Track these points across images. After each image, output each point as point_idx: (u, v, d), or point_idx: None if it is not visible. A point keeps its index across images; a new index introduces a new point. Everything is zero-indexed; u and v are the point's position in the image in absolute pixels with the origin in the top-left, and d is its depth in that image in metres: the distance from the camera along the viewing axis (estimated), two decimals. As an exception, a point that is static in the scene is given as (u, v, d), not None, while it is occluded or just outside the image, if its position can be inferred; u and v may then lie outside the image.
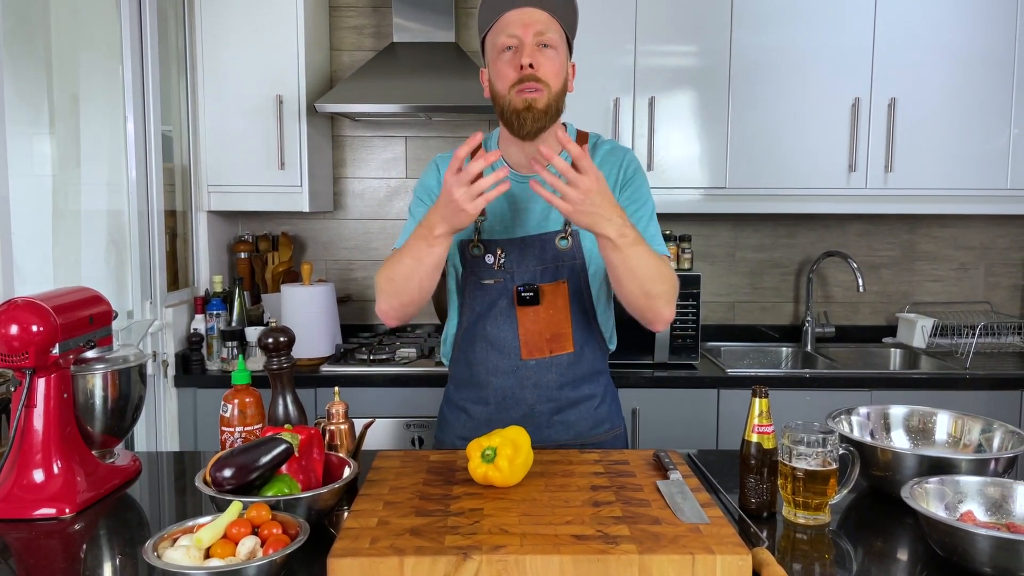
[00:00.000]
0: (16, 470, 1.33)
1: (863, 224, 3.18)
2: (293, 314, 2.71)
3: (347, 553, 1.04)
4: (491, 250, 1.60)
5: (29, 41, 2.02)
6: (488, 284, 1.61)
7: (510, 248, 1.59)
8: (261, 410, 1.42)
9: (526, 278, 1.59)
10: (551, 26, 1.51)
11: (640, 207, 1.60)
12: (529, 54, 1.48)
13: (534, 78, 1.49)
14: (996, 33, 2.73)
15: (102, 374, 1.42)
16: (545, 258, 1.59)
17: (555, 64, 1.51)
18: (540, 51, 1.50)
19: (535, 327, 1.60)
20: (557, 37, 1.52)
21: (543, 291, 1.58)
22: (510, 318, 1.61)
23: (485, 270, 1.61)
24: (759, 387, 1.29)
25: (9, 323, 1.30)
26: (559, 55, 1.52)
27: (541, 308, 1.59)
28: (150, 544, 1.02)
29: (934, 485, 1.22)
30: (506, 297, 1.60)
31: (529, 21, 1.49)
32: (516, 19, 1.50)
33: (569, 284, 1.60)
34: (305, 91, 2.76)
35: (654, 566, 1.03)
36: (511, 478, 1.26)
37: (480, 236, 1.61)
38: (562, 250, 1.59)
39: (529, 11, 1.50)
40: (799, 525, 1.26)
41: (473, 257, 1.62)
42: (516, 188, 1.59)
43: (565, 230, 1.58)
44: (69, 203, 2.22)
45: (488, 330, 1.62)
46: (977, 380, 2.62)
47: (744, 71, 2.75)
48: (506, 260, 1.59)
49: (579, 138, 1.65)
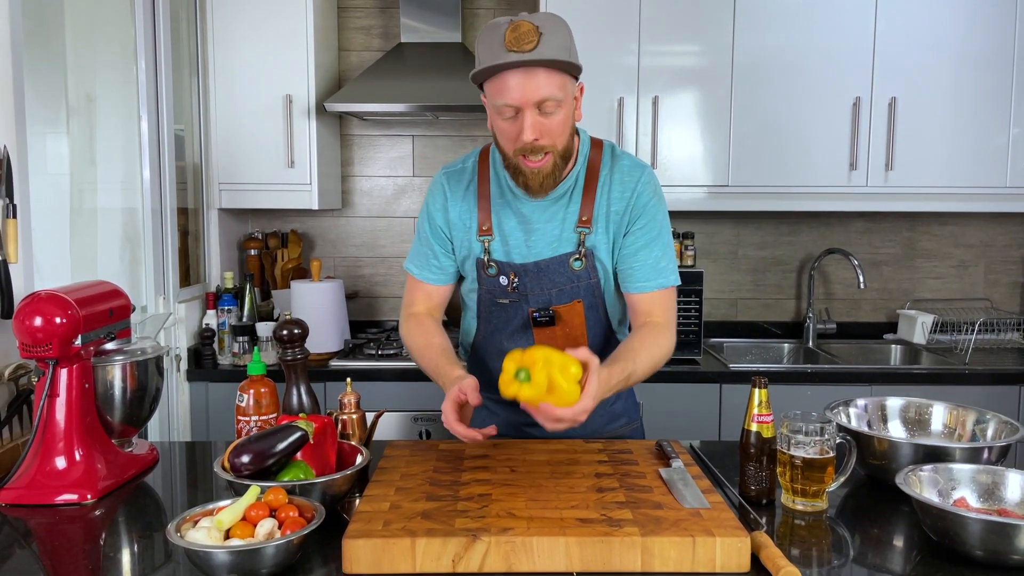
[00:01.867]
0: (39, 458, 1.37)
1: (864, 222, 3.21)
2: (302, 310, 2.76)
3: (361, 535, 1.08)
4: (504, 272, 1.57)
5: (46, 43, 2.07)
6: (503, 303, 1.59)
7: (523, 272, 1.55)
8: (276, 400, 1.47)
9: (541, 301, 1.56)
10: (550, 83, 1.38)
11: (653, 239, 1.55)
12: (531, 127, 1.39)
13: (538, 148, 1.42)
14: (996, 32, 2.76)
15: (121, 365, 1.46)
16: (559, 280, 1.55)
17: (557, 124, 1.42)
18: (542, 118, 1.40)
19: (552, 344, 1.58)
20: (558, 88, 1.39)
21: (558, 313, 1.56)
22: (526, 335, 1.59)
23: (500, 290, 1.58)
24: (759, 377, 1.33)
25: (33, 315, 1.34)
26: (562, 108, 1.41)
27: (557, 328, 1.57)
28: (173, 525, 1.07)
29: (928, 473, 1.25)
30: (521, 316, 1.58)
31: (529, 88, 1.37)
32: (516, 84, 1.37)
33: (584, 302, 1.57)
34: (314, 91, 2.80)
35: (656, 548, 1.07)
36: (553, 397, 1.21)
37: (490, 256, 1.57)
38: (577, 271, 1.55)
39: (528, 74, 1.36)
40: (797, 511, 1.30)
41: (488, 276, 1.58)
42: (526, 208, 1.56)
43: (579, 251, 1.54)
44: (85, 201, 2.27)
45: (505, 345, 1.60)
46: (976, 375, 2.65)
47: (746, 70, 2.79)
48: (519, 284, 1.56)
49: (593, 146, 1.59)
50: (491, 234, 1.57)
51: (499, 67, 1.37)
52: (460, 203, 1.59)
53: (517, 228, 1.56)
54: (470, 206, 1.59)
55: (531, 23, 1.36)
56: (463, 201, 1.59)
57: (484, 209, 1.57)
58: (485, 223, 1.57)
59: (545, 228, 1.55)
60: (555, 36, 1.38)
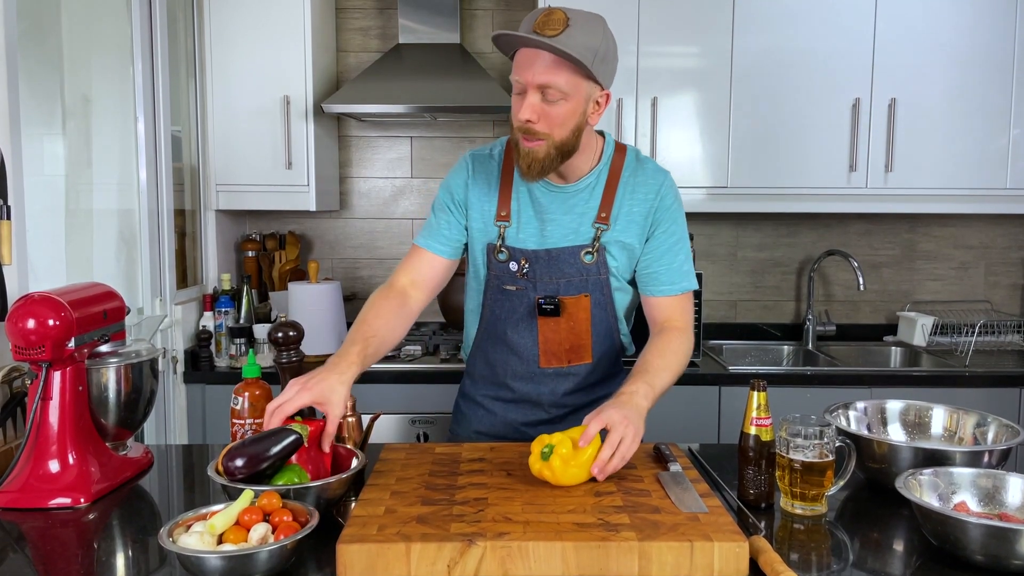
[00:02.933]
0: (32, 461, 1.36)
1: (864, 223, 3.21)
2: (300, 312, 2.75)
3: (355, 539, 1.07)
4: (515, 258, 1.59)
5: (41, 43, 2.06)
6: (510, 290, 1.61)
7: (535, 259, 1.58)
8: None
9: (549, 290, 1.59)
10: (557, 72, 1.40)
11: (676, 242, 1.60)
12: (528, 108, 1.42)
13: (533, 131, 1.45)
14: (995, 33, 2.76)
15: (115, 368, 1.45)
16: (569, 271, 1.58)
17: (558, 114, 1.43)
18: (541, 102, 1.43)
19: (555, 336, 1.60)
20: (565, 82, 1.41)
21: (564, 304, 1.58)
22: (530, 326, 1.61)
23: (508, 276, 1.61)
24: (757, 380, 1.32)
25: (26, 317, 1.33)
26: (567, 102, 1.43)
27: (562, 320, 1.59)
28: (165, 530, 1.06)
29: (928, 476, 1.24)
30: (527, 305, 1.60)
31: (536, 69, 1.40)
32: (526, 62, 1.42)
33: (592, 297, 1.59)
34: (312, 92, 2.79)
35: (653, 552, 1.06)
36: (562, 478, 1.25)
37: (504, 242, 1.60)
38: (587, 264, 1.58)
39: (534, 55, 1.41)
40: (796, 515, 1.29)
41: (498, 262, 1.61)
42: (545, 199, 1.58)
43: (592, 245, 1.57)
44: (81, 202, 2.26)
45: (509, 335, 1.63)
46: (977, 378, 2.64)
47: (746, 72, 2.78)
48: (530, 269, 1.58)
49: (617, 150, 1.61)
50: (508, 220, 1.60)
51: (516, 39, 1.42)
52: (483, 185, 1.62)
53: (534, 217, 1.60)
54: (492, 191, 1.62)
55: (565, 14, 1.40)
56: (486, 184, 1.62)
57: (505, 196, 1.60)
58: (504, 209, 1.60)
59: (562, 220, 1.59)
60: (582, 34, 1.40)
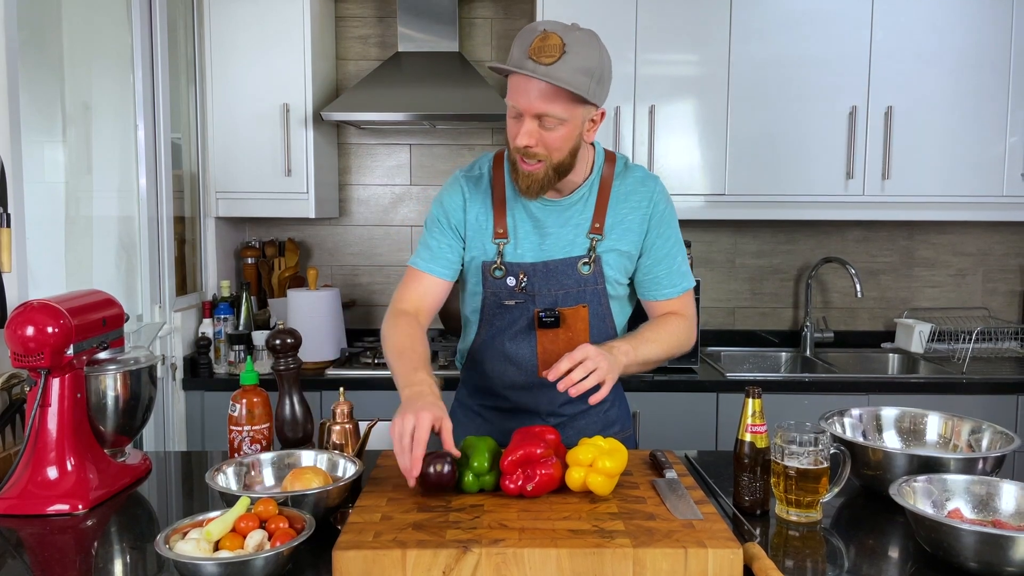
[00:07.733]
0: (31, 467, 1.37)
1: (861, 230, 3.21)
2: (299, 318, 2.75)
3: (351, 546, 1.08)
4: (513, 273, 1.60)
5: (42, 51, 2.07)
6: (509, 305, 1.61)
7: (533, 272, 1.59)
8: (268, 410, 1.46)
9: (547, 302, 1.59)
10: (554, 102, 1.41)
11: (673, 246, 1.63)
12: (526, 135, 1.44)
13: (531, 154, 1.46)
14: (992, 42, 2.77)
15: (114, 375, 1.46)
16: (567, 283, 1.59)
17: (555, 139, 1.45)
18: (539, 129, 1.44)
19: (554, 347, 1.60)
20: (562, 110, 1.42)
21: (563, 315, 1.58)
22: (529, 338, 1.61)
23: (506, 292, 1.61)
24: (752, 387, 1.33)
25: (25, 324, 1.34)
26: (564, 127, 1.44)
27: (561, 331, 1.59)
28: (161, 537, 1.06)
29: (922, 483, 1.25)
30: (526, 317, 1.61)
31: (529, 96, 1.41)
32: (522, 92, 1.42)
33: (590, 307, 1.60)
34: (311, 100, 2.81)
35: (648, 559, 1.07)
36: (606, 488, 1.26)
37: (503, 259, 1.60)
38: (584, 275, 1.59)
39: (531, 84, 1.41)
40: (791, 522, 1.29)
41: (494, 279, 1.61)
42: (541, 213, 1.59)
43: (589, 256, 1.58)
44: (81, 209, 2.27)
45: (507, 346, 1.63)
46: (974, 384, 2.64)
47: (743, 80, 2.79)
48: (528, 283, 1.59)
49: (607, 159, 1.63)
50: (506, 237, 1.60)
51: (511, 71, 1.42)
52: (479, 206, 1.62)
53: (532, 232, 1.60)
54: (487, 209, 1.62)
55: (560, 38, 1.38)
56: (481, 204, 1.62)
57: (500, 213, 1.61)
58: (500, 226, 1.60)
59: (559, 232, 1.60)
60: (578, 58, 1.39)
